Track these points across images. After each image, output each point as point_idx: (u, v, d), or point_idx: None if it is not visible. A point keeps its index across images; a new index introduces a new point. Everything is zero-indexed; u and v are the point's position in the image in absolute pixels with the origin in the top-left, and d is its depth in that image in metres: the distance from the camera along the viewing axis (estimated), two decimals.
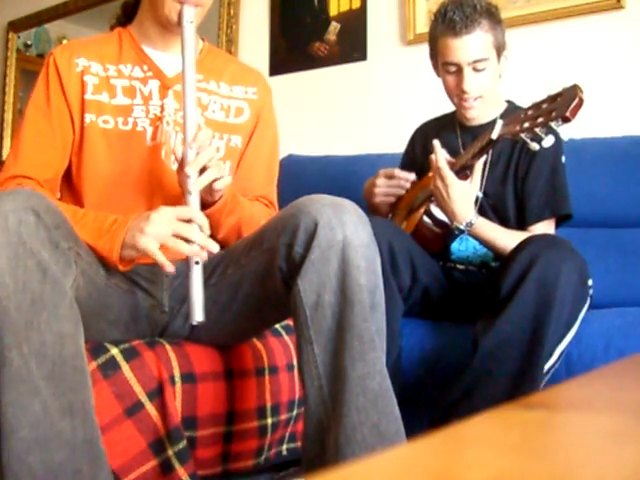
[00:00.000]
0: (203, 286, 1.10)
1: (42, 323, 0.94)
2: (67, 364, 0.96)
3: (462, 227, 1.51)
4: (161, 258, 1.09)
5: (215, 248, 1.10)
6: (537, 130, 1.34)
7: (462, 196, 1.49)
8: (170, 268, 1.09)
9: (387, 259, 1.43)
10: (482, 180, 1.59)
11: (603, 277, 1.69)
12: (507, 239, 1.50)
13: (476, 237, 1.55)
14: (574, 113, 1.29)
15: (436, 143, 1.52)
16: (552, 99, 1.34)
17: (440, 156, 1.52)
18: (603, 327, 1.42)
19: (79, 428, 0.95)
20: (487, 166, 1.62)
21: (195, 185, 1.13)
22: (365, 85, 2.57)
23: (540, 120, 1.33)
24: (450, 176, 1.48)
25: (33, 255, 0.94)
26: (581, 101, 1.28)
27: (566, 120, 1.29)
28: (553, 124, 1.31)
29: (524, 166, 1.60)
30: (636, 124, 1.99)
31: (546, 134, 1.33)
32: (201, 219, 1.11)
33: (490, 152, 1.61)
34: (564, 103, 1.30)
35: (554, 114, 1.30)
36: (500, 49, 1.59)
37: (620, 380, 0.66)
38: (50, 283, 0.95)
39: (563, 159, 1.60)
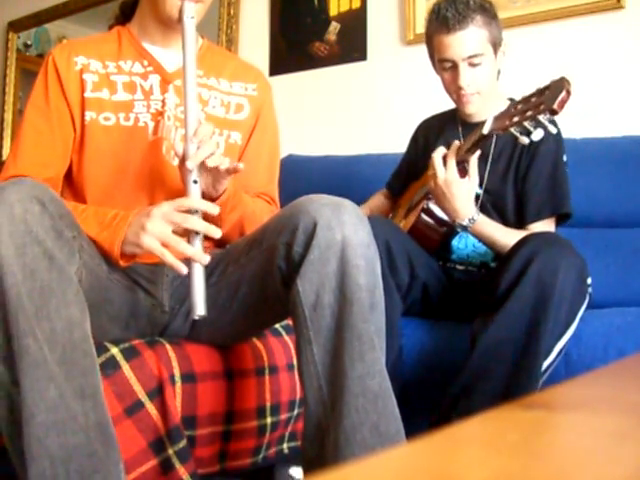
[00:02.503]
0: (205, 280, 1.10)
1: (52, 310, 0.95)
2: (77, 349, 0.97)
3: (464, 224, 1.51)
4: (170, 259, 1.08)
5: (217, 233, 1.10)
6: (526, 124, 1.34)
7: (462, 193, 1.49)
8: (183, 270, 1.08)
9: (385, 258, 1.43)
10: (483, 176, 1.59)
11: (603, 277, 1.69)
12: (508, 237, 1.50)
13: (477, 234, 1.55)
14: (561, 105, 1.29)
15: (455, 143, 1.52)
16: (540, 92, 1.35)
17: (438, 154, 1.52)
18: (603, 327, 1.42)
19: (91, 411, 0.96)
20: (489, 163, 1.62)
21: (194, 160, 1.12)
22: (365, 85, 2.57)
23: (529, 114, 1.34)
24: (451, 173, 1.48)
25: (39, 243, 0.95)
26: (568, 93, 1.29)
27: (554, 112, 1.30)
28: (541, 117, 1.32)
29: (525, 164, 1.60)
30: (636, 124, 1.99)
31: (535, 127, 1.34)
32: (203, 204, 1.11)
33: (492, 149, 1.62)
34: (552, 96, 1.31)
35: (542, 107, 1.31)
36: (496, 44, 1.60)
37: (620, 380, 0.66)
38: (57, 270, 0.96)
39: (564, 158, 1.60)
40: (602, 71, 2.07)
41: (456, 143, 1.52)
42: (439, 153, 1.52)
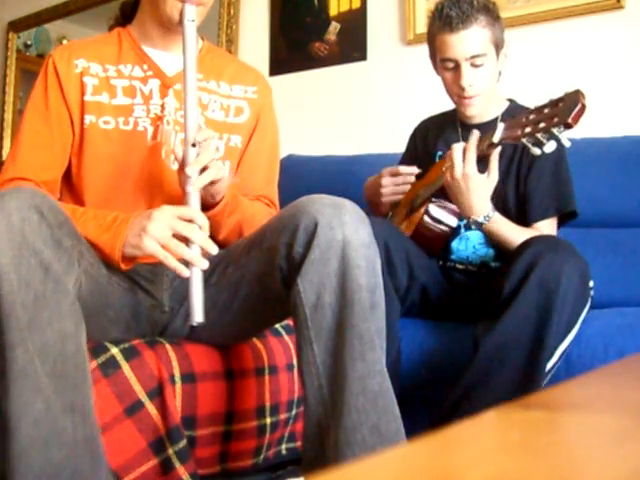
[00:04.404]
0: (203, 287, 1.10)
1: (44, 321, 0.94)
2: (69, 362, 0.96)
3: (480, 220, 1.49)
4: (173, 262, 1.08)
5: (214, 250, 1.10)
6: (539, 135, 1.32)
7: (480, 189, 1.46)
8: (185, 273, 1.08)
9: (383, 259, 1.41)
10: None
11: (603, 277, 1.69)
12: (519, 236, 1.48)
13: (490, 232, 1.52)
14: (576, 119, 1.27)
15: (476, 132, 1.47)
16: (554, 104, 1.32)
17: (459, 148, 1.47)
18: (603, 327, 1.42)
19: (79, 426, 0.96)
20: None
21: (195, 185, 1.13)
22: (365, 85, 2.57)
23: (542, 125, 1.31)
24: (470, 167, 1.45)
25: (36, 253, 0.95)
26: (583, 107, 1.27)
27: (568, 126, 1.28)
28: (555, 130, 1.30)
29: (526, 164, 1.59)
30: (636, 124, 1.99)
31: (548, 139, 1.32)
32: (201, 219, 1.11)
33: None
34: (566, 109, 1.28)
35: (556, 120, 1.29)
36: (499, 45, 1.59)
37: (620, 380, 0.66)
38: (52, 281, 0.96)
39: (566, 156, 1.60)
40: (602, 71, 2.07)
41: (476, 135, 1.46)
42: (459, 146, 1.48)
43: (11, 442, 0.91)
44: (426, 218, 1.60)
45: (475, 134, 1.47)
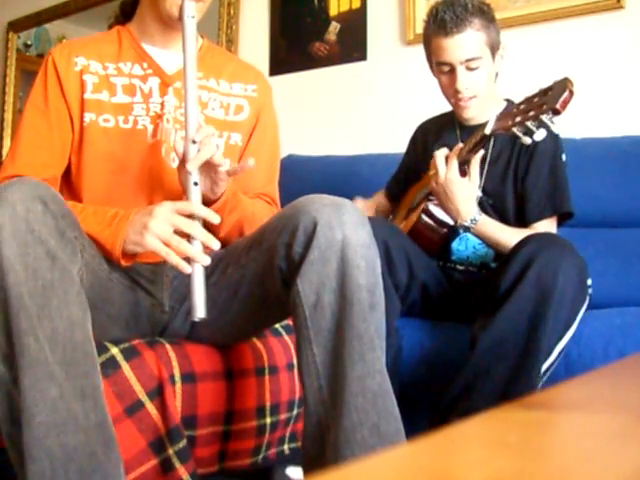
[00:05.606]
0: (205, 282, 1.10)
1: (53, 309, 0.95)
2: (78, 349, 0.97)
3: (467, 224, 1.51)
4: (175, 259, 1.08)
5: (216, 245, 1.10)
6: (528, 124, 1.34)
7: (463, 193, 1.49)
8: (187, 270, 1.08)
9: (383, 258, 1.42)
10: (481, 177, 1.59)
11: (603, 277, 1.69)
12: (511, 237, 1.49)
13: (480, 235, 1.54)
14: (564, 105, 1.29)
15: (459, 145, 1.53)
16: (543, 93, 1.35)
17: (441, 154, 1.52)
18: (603, 327, 1.42)
19: (91, 411, 0.96)
20: (487, 164, 1.62)
21: (194, 162, 1.12)
22: (365, 85, 2.57)
23: (531, 114, 1.34)
24: (453, 172, 1.48)
25: (42, 243, 0.95)
26: (571, 93, 1.30)
27: (556, 112, 1.30)
28: (544, 117, 1.32)
29: (524, 164, 1.60)
30: (636, 124, 1.99)
31: (537, 127, 1.34)
32: (203, 211, 1.11)
33: (490, 150, 1.62)
34: (554, 96, 1.31)
35: (545, 107, 1.31)
36: (494, 48, 1.59)
37: (620, 380, 0.66)
38: (59, 270, 0.96)
39: (563, 157, 1.60)
40: (602, 71, 2.07)
41: (459, 145, 1.52)
42: (441, 153, 1.52)
43: (27, 429, 0.92)
44: (424, 216, 1.61)
45: (457, 146, 1.52)
